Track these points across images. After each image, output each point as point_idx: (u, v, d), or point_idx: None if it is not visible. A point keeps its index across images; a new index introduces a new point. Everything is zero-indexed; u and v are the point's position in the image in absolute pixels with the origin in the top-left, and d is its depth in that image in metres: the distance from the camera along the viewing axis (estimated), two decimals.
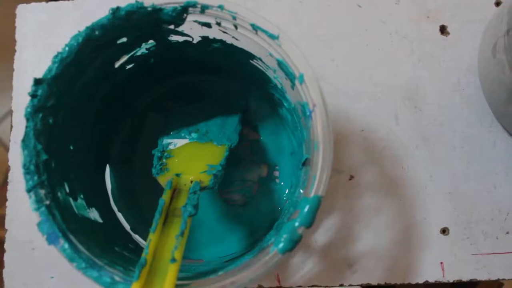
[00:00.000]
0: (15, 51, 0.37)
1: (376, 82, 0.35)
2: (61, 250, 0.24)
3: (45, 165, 0.26)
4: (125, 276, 0.24)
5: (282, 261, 0.24)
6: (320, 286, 0.33)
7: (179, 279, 0.26)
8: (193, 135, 0.31)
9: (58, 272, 0.34)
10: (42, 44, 0.37)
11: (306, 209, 0.24)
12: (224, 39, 0.29)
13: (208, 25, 0.28)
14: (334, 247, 0.33)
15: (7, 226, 0.34)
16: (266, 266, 0.24)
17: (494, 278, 0.33)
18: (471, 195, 0.34)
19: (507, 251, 0.33)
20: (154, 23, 0.27)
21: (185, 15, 0.27)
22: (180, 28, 0.28)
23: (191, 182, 0.28)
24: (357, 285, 0.33)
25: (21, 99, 0.36)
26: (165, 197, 0.27)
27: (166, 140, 0.31)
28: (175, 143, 0.30)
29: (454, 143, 0.34)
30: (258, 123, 0.34)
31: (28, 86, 0.25)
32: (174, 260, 0.24)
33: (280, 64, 0.26)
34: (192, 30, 0.28)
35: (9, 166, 0.35)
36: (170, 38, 0.29)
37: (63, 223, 0.25)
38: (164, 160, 0.29)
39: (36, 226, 0.24)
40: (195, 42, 0.30)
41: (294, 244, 0.24)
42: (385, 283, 0.33)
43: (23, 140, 0.25)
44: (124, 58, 0.30)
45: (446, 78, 0.35)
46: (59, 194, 0.26)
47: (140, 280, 0.23)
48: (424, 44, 0.35)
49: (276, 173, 0.34)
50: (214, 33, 0.28)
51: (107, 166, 0.33)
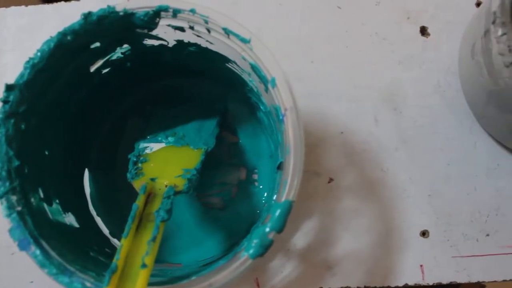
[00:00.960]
0: None
1: (356, 84, 0.35)
2: (32, 256, 0.24)
3: (17, 171, 0.25)
4: (96, 282, 0.24)
5: (254, 266, 0.24)
6: None
7: (153, 284, 0.26)
8: (169, 139, 0.31)
9: (38, 277, 0.34)
10: (22, 48, 0.37)
11: (277, 214, 0.24)
12: (199, 43, 0.29)
13: (181, 29, 0.27)
14: (313, 250, 0.33)
15: None
16: (237, 272, 0.24)
17: (474, 280, 0.33)
18: (451, 197, 0.34)
19: (487, 253, 0.33)
20: (127, 28, 0.27)
21: (157, 19, 0.27)
22: (154, 32, 0.28)
23: (166, 186, 0.28)
24: None
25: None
26: (138, 202, 0.27)
27: (143, 144, 0.30)
28: (152, 147, 0.30)
29: (434, 145, 0.34)
30: (237, 126, 0.34)
31: None
32: (144, 265, 0.24)
33: (253, 67, 0.26)
34: (166, 34, 0.28)
35: None
36: (145, 42, 0.29)
37: (35, 229, 0.25)
38: (139, 164, 0.29)
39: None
40: (170, 46, 0.30)
41: (265, 249, 0.24)
42: (364, 286, 0.33)
43: None
44: (100, 63, 0.29)
45: (427, 79, 0.35)
46: (33, 200, 0.26)
47: (110, 286, 0.23)
48: (405, 45, 0.35)
49: (255, 176, 0.33)
50: (188, 36, 0.28)
51: (86, 170, 0.33)
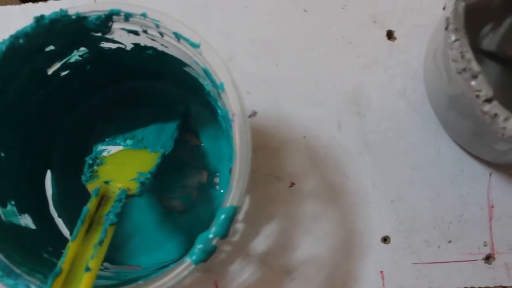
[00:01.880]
0: None
1: (320, 87, 0.35)
2: None
3: None
4: (42, 285, 0.25)
5: (198, 271, 0.24)
6: None
7: (99, 287, 0.26)
8: (128, 141, 0.31)
9: None
10: None
11: (221, 219, 0.24)
12: (155, 46, 0.29)
13: (135, 32, 0.28)
14: (273, 254, 0.33)
15: None
16: (179, 277, 0.24)
17: (435, 287, 0.32)
18: (414, 203, 0.33)
19: (448, 260, 0.33)
20: (80, 31, 0.27)
21: (110, 23, 0.27)
22: (109, 36, 0.28)
23: (120, 189, 0.28)
24: None
25: None
26: (90, 205, 0.27)
27: (101, 147, 0.31)
28: (110, 149, 0.30)
29: (398, 150, 0.34)
30: (199, 129, 0.34)
31: None
32: (88, 269, 0.24)
33: (205, 72, 0.26)
34: (122, 37, 0.28)
35: None
36: (102, 46, 0.29)
37: None
38: (95, 167, 0.29)
39: None
40: (128, 49, 0.30)
41: (208, 254, 0.24)
42: None
43: None
44: (57, 65, 0.30)
45: (392, 83, 0.35)
46: None
47: None
48: (370, 49, 0.35)
49: (217, 179, 0.33)
50: (144, 40, 0.28)
51: (48, 171, 0.33)
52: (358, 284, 0.32)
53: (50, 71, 0.30)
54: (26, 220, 0.29)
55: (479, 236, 0.33)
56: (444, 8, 0.34)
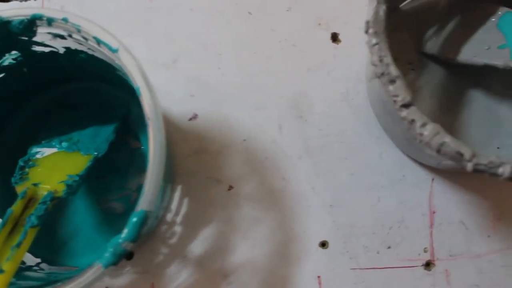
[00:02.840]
0: None
1: (263, 91, 0.34)
2: None
3: None
4: None
5: (110, 273, 0.24)
6: None
7: None
8: (63, 144, 0.31)
9: None
10: None
11: (131, 223, 0.24)
12: (85, 50, 0.29)
13: (62, 36, 0.28)
14: (210, 257, 0.33)
15: None
16: (88, 280, 0.24)
17: None
18: (353, 208, 0.33)
19: (387, 266, 0.32)
20: (7, 35, 0.27)
21: (34, 27, 0.27)
22: (39, 40, 0.28)
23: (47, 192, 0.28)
24: None
25: None
26: (14, 206, 0.27)
27: (36, 149, 0.31)
28: (44, 152, 0.31)
29: (339, 154, 0.34)
30: (139, 132, 0.34)
31: None
32: (1, 271, 0.24)
33: (125, 76, 0.26)
34: (51, 41, 0.29)
35: None
36: (34, 49, 0.30)
37: None
38: (26, 169, 0.30)
39: None
40: (61, 52, 0.30)
41: (118, 258, 0.24)
42: None
43: None
44: None
45: (335, 87, 0.34)
46: None
47: None
48: (314, 52, 0.35)
49: None
50: (72, 44, 0.29)
51: None
52: None
53: None
54: None
55: (419, 242, 0.32)
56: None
